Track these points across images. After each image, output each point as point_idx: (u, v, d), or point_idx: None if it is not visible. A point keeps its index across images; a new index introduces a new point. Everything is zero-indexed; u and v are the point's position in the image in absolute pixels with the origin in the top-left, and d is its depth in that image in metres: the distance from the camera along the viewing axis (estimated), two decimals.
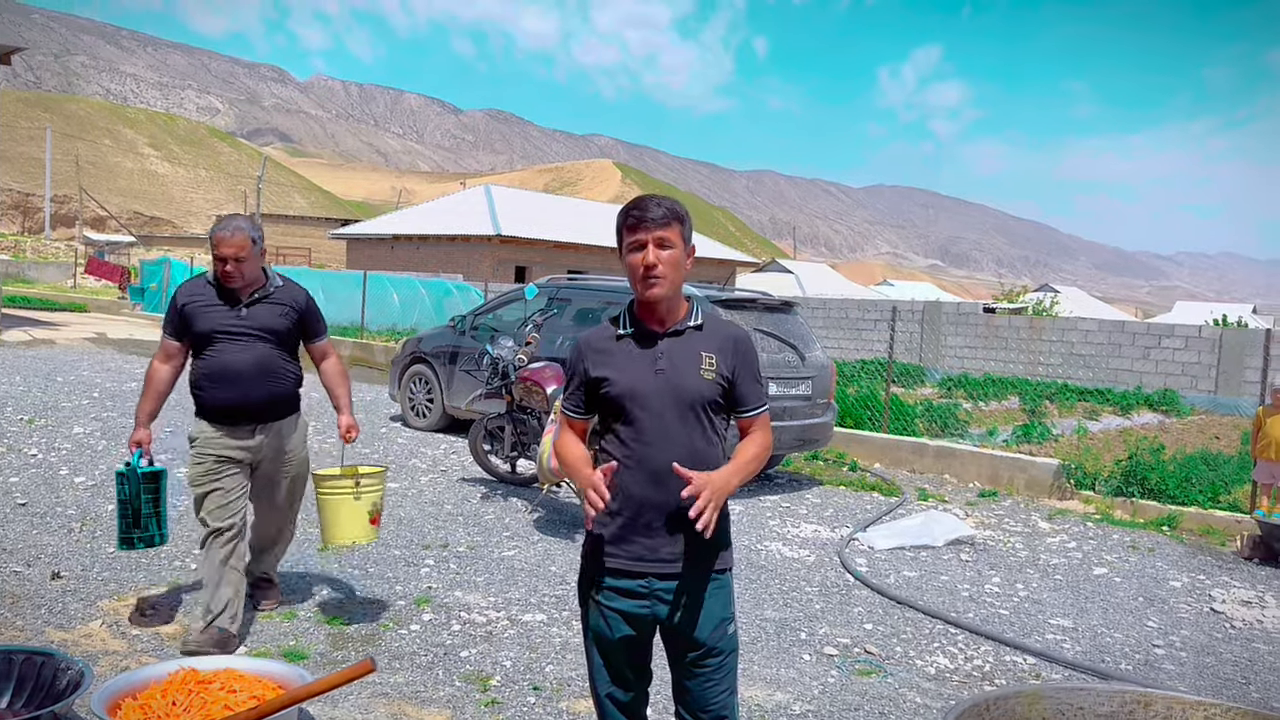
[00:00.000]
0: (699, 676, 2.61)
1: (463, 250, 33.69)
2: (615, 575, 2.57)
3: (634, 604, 2.56)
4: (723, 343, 2.61)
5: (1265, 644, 5.40)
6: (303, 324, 4.50)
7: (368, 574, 5.50)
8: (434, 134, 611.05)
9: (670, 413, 2.53)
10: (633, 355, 2.57)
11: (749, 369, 2.63)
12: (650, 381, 2.54)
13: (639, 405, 2.53)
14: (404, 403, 10.56)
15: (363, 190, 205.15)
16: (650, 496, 2.52)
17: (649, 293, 2.52)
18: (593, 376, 2.59)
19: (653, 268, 2.48)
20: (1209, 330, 18.95)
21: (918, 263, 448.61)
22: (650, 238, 2.49)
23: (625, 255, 2.55)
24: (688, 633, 2.57)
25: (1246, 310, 54.00)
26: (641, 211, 2.51)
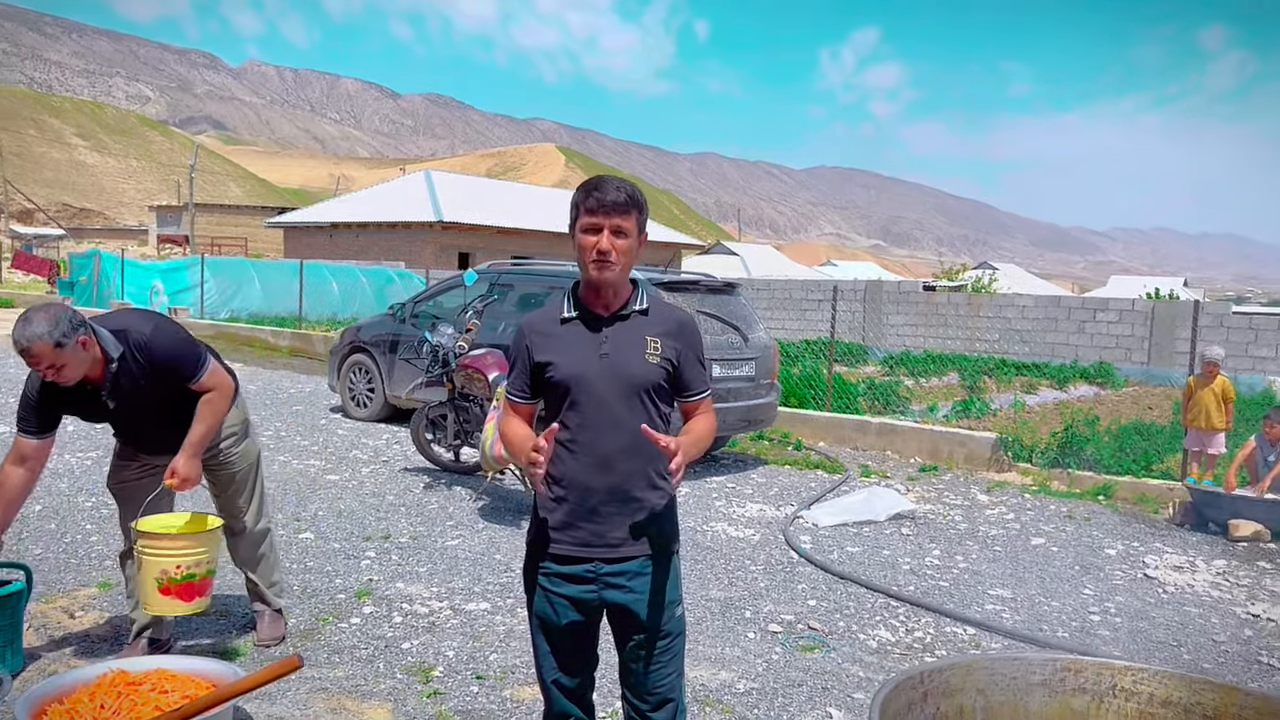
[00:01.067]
0: (646, 660, 2.59)
1: (404, 237, 33.25)
2: (561, 561, 2.55)
3: (581, 589, 2.54)
4: (668, 327, 2.60)
5: (1196, 607, 5.54)
6: (167, 380, 3.72)
7: (307, 568, 5.40)
8: (372, 119, 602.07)
9: (615, 397, 2.51)
10: (577, 339, 2.54)
11: (694, 353, 2.62)
12: (595, 366, 2.51)
13: (583, 390, 2.50)
14: (344, 393, 10.40)
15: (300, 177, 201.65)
16: (596, 481, 2.50)
17: (599, 276, 2.48)
18: (537, 360, 2.55)
19: (606, 254, 2.45)
20: (1142, 304, 19.41)
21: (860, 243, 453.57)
22: (607, 224, 2.45)
23: (577, 234, 2.50)
24: (635, 617, 2.55)
25: (1178, 283, 55.36)
26: (602, 194, 2.46)
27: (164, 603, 3.64)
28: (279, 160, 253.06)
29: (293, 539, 5.93)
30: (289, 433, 9.39)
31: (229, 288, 23.69)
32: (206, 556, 3.69)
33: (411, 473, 7.87)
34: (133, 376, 3.66)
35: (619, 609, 2.57)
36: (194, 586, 3.65)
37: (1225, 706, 2.24)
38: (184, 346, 3.79)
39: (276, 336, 18.27)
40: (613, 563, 2.54)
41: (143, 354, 3.65)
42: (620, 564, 2.54)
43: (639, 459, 2.52)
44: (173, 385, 3.73)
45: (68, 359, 3.46)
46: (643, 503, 2.55)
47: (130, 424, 3.89)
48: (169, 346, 3.72)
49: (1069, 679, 2.36)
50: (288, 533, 6.04)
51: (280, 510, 6.52)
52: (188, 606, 3.67)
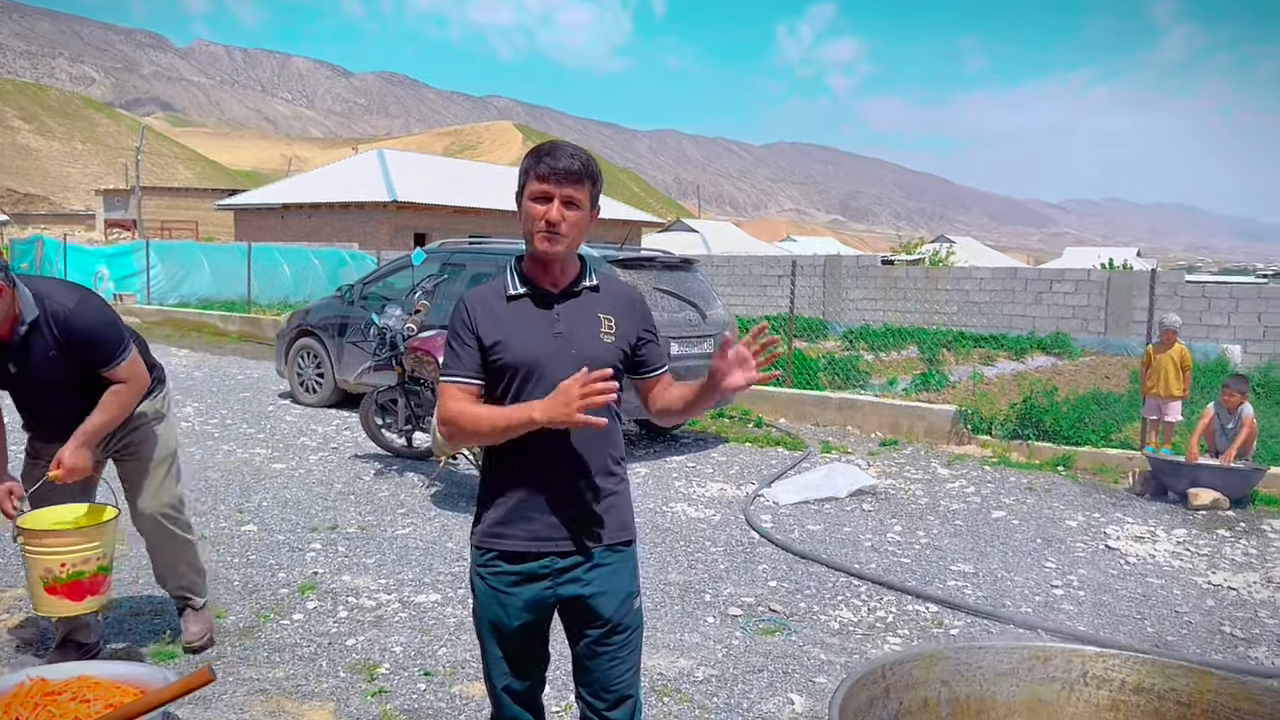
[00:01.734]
0: (603, 655, 2.42)
1: (357, 218, 32.68)
2: (513, 559, 2.36)
3: (535, 588, 2.37)
4: (620, 304, 2.43)
5: (1157, 578, 5.50)
6: (79, 358, 3.43)
7: (249, 562, 5.18)
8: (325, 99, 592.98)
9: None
10: (527, 318, 2.35)
11: (648, 329, 2.47)
12: (548, 346, 2.32)
13: (537, 372, 2.31)
14: (292, 378, 10.12)
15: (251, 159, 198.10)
16: (549, 471, 2.32)
17: (546, 248, 2.29)
18: (484, 341, 2.34)
19: (555, 225, 2.27)
20: (1097, 274, 19.54)
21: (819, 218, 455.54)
22: (558, 193, 2.26)
23: (525, 202, 2.31)
24: (592, 610, 2.39)
25: (1131, 254, 56.18)
26: (554, 160, 2.27)
27: (52, 603, 3.38)
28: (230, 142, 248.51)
29: (235, 532, 5.70)
30: (235, 420, 9.11)
31: (177, 272, 23.10)
32: (97, 552, 3.41)
33: (362, 459, 7.65)
34: (44, 346, 3.39)
35: (575, 603, 2.40)
36: (83, 585, 3.38)
37: (1200, 692, 2.13)
38: (107, 328, 3.49)
39: (225, 321, 17.84)
40: (568, 555, 2.36)
41: (59, 325, 3.37)
42: (576, 555, 2.37)
43: (595, 445, 2.35)
44: (84, 366, 3.46)
45: None
46: (599, 491, 2.38)
47: (29, 397, 3.61)
48: (90, 324, 3.43)
49: (1037, 667, 2.25)
50: (230, 525, 5.81)
51: (223, 502, 6.29)
52: (78, 606, 3.41)
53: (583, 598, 2.38)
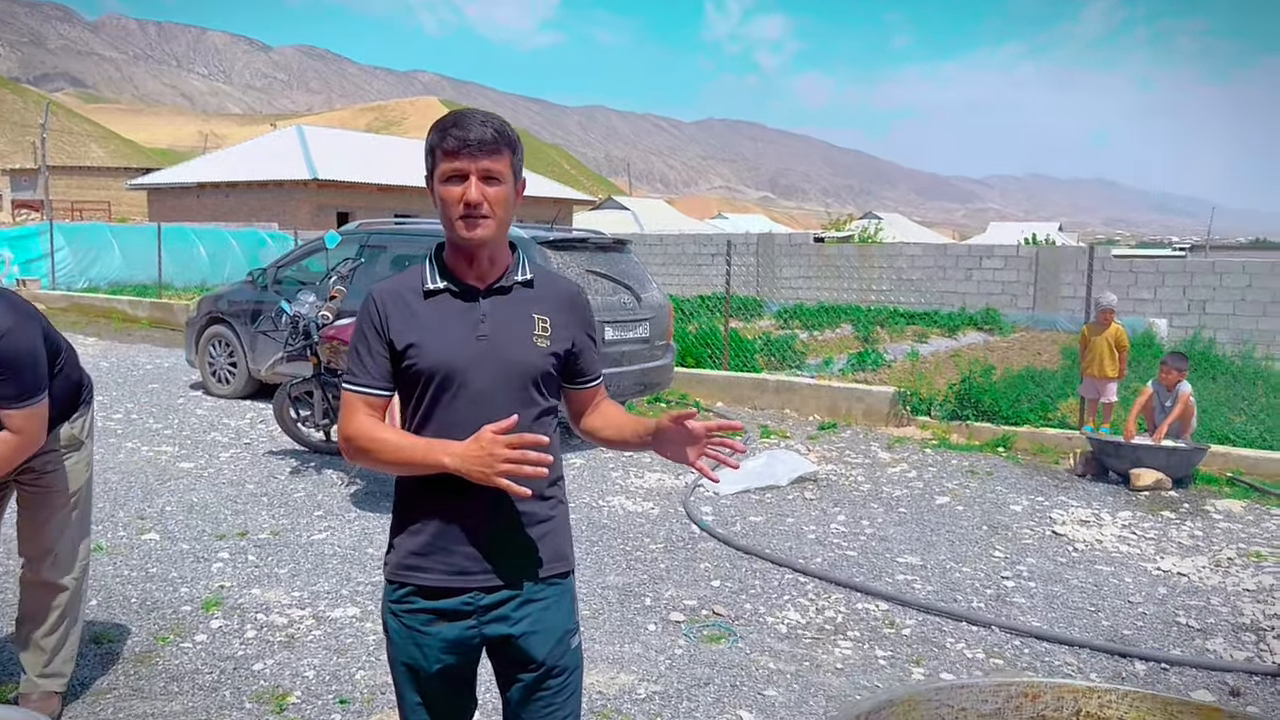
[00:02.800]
0: (537, 702, 2.10)
1: (276, 197, 31.59)
2: (431, 595, 2.02)
3: (457, 627, 2.03)
4: (557, 302, 2.10)
5: (1107, 565, 5.37)
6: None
7: (148, 576, 4.74)
8: (243, 74, 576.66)
9: (497, 390, 1.99)
10: (447, 317, 2.00)
11: (587, 333, 2.14)
12: (471, 350, 1.98)
13: (457, 381, 1.98)
14: (203, 368, 9.55)
15: (167, 136, 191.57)
16: (472, 494, 1.96)
17: (470, 234, 1.95)
18: (395, 343, 2.00)
19: (476, 205, 1.92)
20: (1026, 250, 19.69)
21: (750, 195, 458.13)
22: (474, 168, 1.92)
23: (437, 185, 1.96)
24: (524, 653, 2.06)
25: (1054, 228, 57.37)
26: (463, 133, 1.92)
27: None
28: (144, 119, 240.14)
29: (135, 541, 5.24)
30: (140, 415, 8.54)
31: (86, 255, 22.00)
32: None
33: (277, 456, 7.19)
34: None
35: (502, 643, 2.07)
36: None
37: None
38: (29, 364, 2.95)
39: (135, 307, 16.98)
40: (494, 591, 2.03)
41: None
42: (503, 590, 2.04)
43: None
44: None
45: None
46: (530, 515, 2.05)
47: None
48: (13, 354, 2.92)
49: (1025, 706, 1.98)
50: (129, 534, 5.34)
51: (122, 507, 5.80)
52: None
53: (512, 638, 2.06)
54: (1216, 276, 16.83)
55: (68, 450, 3.32)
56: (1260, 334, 16.05)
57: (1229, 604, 4.82)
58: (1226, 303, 16.66)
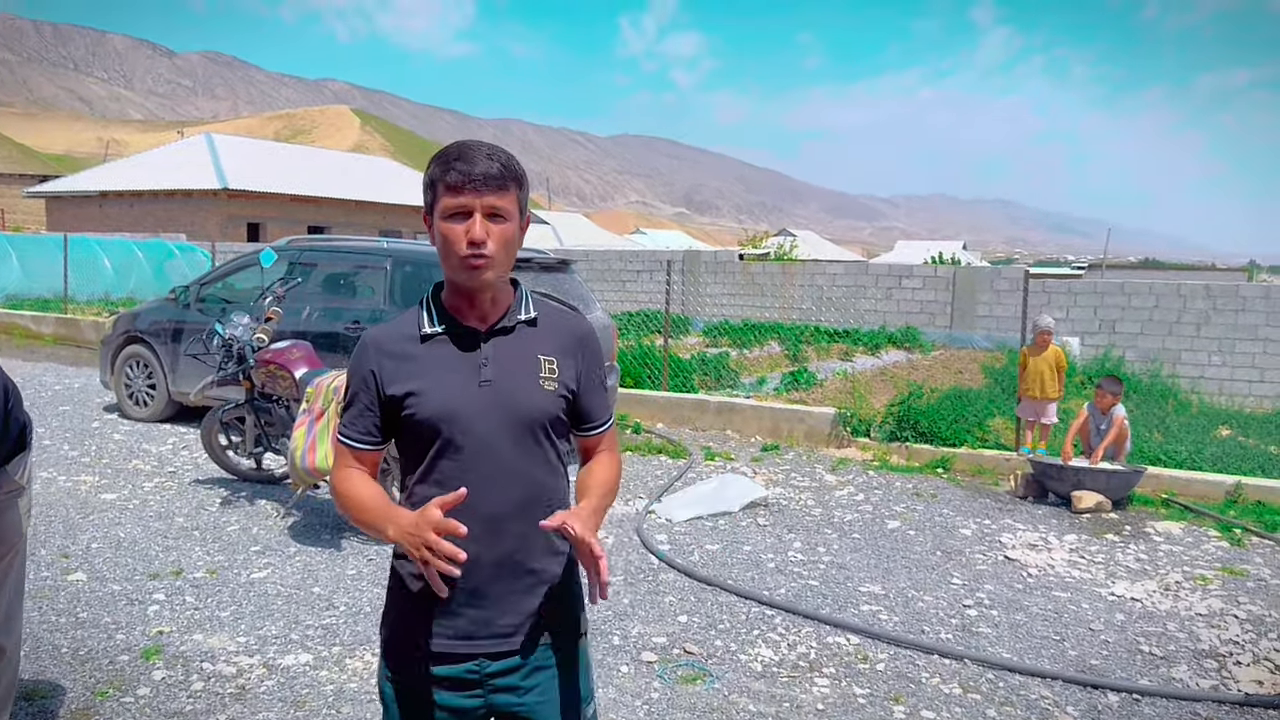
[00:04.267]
0: None
1: (184, 207, 30.53)
2: (437, 661, 1.87)
3: (461, 696, 1.88)
4: (564, 342, 1.97)
5: (1062, 590, 5.41)
6: None
7: (79, 622, 4.40)
8: (145, 79, 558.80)
9: (503, 438, 1.86)
10: (446, 363, 1.87)
11: (597, 374, 2.02)
12: (474, 398, 1.85)
13: (460, 431, 1.84)
14: (119, 390, 9.05)
15: (64, 142, 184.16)
16: (480, 551, 1.82)
17: (474, 275, 1.82)
18: (390, 393, 1.86)
19: (480, 244, 1.79)
20: (944, 270, 20.11)
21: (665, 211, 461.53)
22: (479, 204, 1.79)
23: (438, 222, 1.82)
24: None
25: (958, 247, 58.95)
26: (469, 166, 1.78)
27: None
28: (39, 123, 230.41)
29: (61, 582, 4.87)
30: (54, 440, 8.03)
31: None
32: None
33: (205, 485, 6.81)
34: None
35: (512, 718, 1.92)
36: None
37: None
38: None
39: (38, 323, 16.12)
40: (502, 657, 1.88)
41: None
42: (513, 658, 1.89)
43: (536, 517, 1.85)
44: None
45: None
46: (540, 575, 1.91)
47: None
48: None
49: None
50: (54, 574, 4.97)
51: (44, 545, 5.40)
52: None
53: (522, 710, 1.91)
54: (1125, 297, 17.42)
55: (9, 497, 3.03)
56: (1166, 352, 16.66)
57: (1185, 629, 4.89)
58: (1135, 322, 17.25)
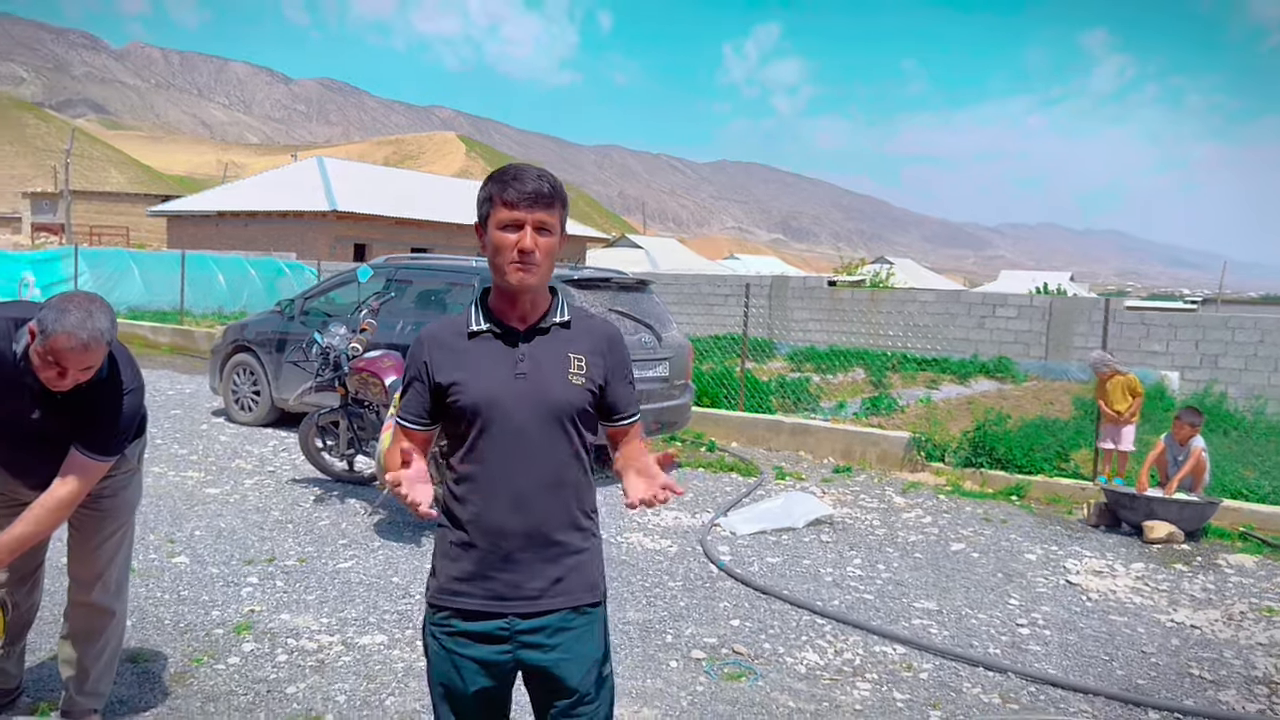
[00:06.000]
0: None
1: (296, 227, 31.98)
2: (470, 618, 2.16)
3: (492, 650, 2.16)
4: (594, 343, 2.25)
5: (1120, 615, 5.43)
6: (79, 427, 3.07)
7: (180, 599, 4.84)
8: (263, 104, 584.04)
9: (533, 425, 2.14)
10: (489, 357, 2.17)
11: (623, 372, 2.28)
12: (510, 388, 2.14)
13: (496, 416, 2.13)
14: (227, 396, 9.70)
15: (186, 164, 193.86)
16: (510, 523, 2.12)
17: (520, 280, 2.11)
18: (439, 381, 2.16)
19: (529, 254, 2.09)
20: (1039, 299, 19.79)
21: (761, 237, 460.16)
22: (529, 219, 2.09)
23: (491, 231, 2.12)
24: (557, 680, 2.19)
25: (1065, 278, 57.46)
26: (522, 185, 2.09)
27: None
28: (164, 146, 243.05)
29: (166, 564, 5.35)
30: (165, 440, 8.67)
31: (107, 280, 22.28)
32: None
33: (300, 484, 7.30)
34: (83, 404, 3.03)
35: (538, 671, 2.19)
36: None
37: None
38: (128, 425, 3.16)
39: (156, 333, 17.20)
40: (530, 618, 2.16)
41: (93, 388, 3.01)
42: (539, 619, 2.17)
43: (561, 496, 2.17)
44: (72, 434, 3.06)
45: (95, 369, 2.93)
46: (565, 546, 2.19)
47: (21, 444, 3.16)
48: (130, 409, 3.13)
49: None
50: (160, 557, 5.45)
51: (153, 531, 5.91)
52: None
53: (546, 665, 2.18)
54: (1229, 331, 16.90)
55: (127, 476, 3.44)
56: (1272, 389, 16.10)
57: (1242, 657, 4.88)
58: (1239, 358, 16.72)
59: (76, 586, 3.43)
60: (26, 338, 2.93)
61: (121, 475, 3.42)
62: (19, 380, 2.99)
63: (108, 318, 2.91)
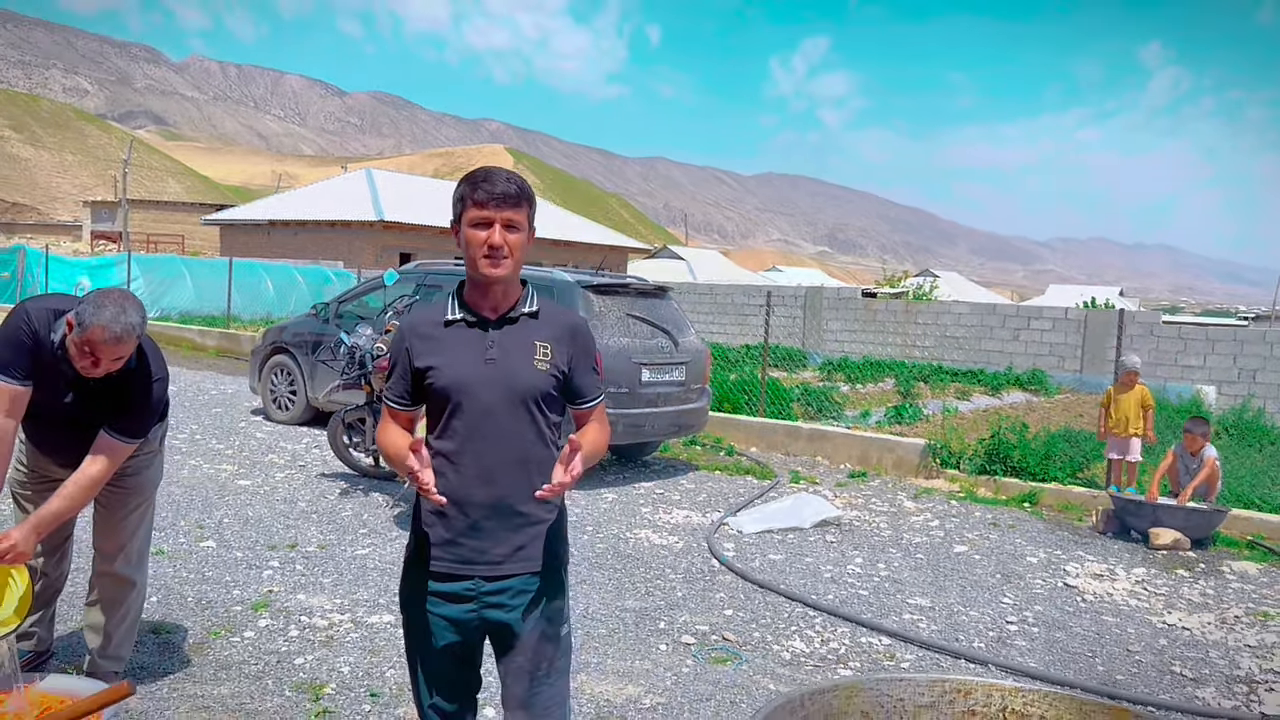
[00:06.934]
0: (529, 682, 2.45)
1: (344, 236, 32.70)
2: (441, 579, 2.40)
3: (460, 609, 2.40)
4: (558, 331, 2.47)
5: (1113, 616, 5.53)
6: (118, 414, 3.36)
7: (204, 578, 5.16)
8: (317, 116, 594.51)
9: (501, 406, 2.37)
10: (461, 343, 2.39)
11: (586, 359, 2.50)
12: (479, 372, 2.37)
13: (467, 397, 2.36)
14: (265, 395, 10.09)
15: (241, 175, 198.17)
16: (478, 494, 2.36)
17: (490, 272, 2.35)
18: (417, 366, 2.40)
19: (497, 249, 2.32)
20: (1075, 312, 19.69)
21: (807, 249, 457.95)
22: (498, 217, 2.32)
23: (465, 229, 2.36)
24: (517, 637, 2.42)
25: (1114, 293, 56.66)
26: (491, 186, 2.33)
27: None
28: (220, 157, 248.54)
29: (193, 547, 5.68)
30: (204, 435, 9.07)
31: (159, 286, 23.04)
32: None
33: (328, 478, 7.63)
34: (113, 390, 3.33)
35: (499, 628, 2.43)
36: None
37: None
38: (157, 410, 3.51)
39: (204, 336, 17.79)
40: (494, 580, 2.40)
41: (122, 376, 3.30)
42: (502, 581, 2.40)
43: (524, 471, 2.39)
44: (102, 418, 3.35)
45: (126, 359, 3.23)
46: (528, 517, 2.42)
47: (54, 425, 3.48)
48: (158, 397, 3.48)
49: (958, 701, 2.26)
50: (188, 541, 5.78)
51: (184, 517, 6.26)
52: None
53: (507, 622, 2.41)
54: (1267, 346, 16.70)
55: (149, 457, 3.75)
56: None
57: (1227, 657, 4.97)
58: (1277, 373, 16.51)
59: (101, 558, 3.75)
60: (64, 328, 3.24)
61: (144, 456, 3.72)
62: (55, 367, 3.30)
63: (139, 313, 3.20)
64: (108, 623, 3.74)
